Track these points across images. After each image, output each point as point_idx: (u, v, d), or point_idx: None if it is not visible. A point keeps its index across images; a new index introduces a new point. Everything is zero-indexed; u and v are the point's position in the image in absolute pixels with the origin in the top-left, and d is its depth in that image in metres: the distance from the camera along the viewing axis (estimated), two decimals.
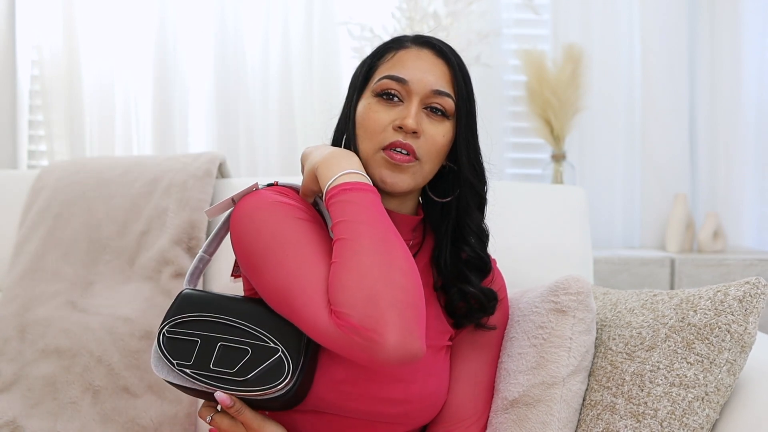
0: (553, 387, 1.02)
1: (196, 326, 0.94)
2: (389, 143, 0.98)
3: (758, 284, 0.98)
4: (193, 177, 1.52)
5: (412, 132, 0.97)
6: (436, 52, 1.02)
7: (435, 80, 1.00)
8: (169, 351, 0.93)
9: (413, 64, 1.00)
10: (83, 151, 2.14)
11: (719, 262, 1.99)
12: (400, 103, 1.00)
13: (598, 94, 2.17)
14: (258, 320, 0.93)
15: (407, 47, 1.03)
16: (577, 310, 1.06)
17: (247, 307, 0.95)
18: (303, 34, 2.16)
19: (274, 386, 0.89)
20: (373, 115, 1.00)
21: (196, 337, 0.93)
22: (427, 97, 0.99)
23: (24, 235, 1.54)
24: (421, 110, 1.00)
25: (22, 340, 1.41)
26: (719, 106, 2.22)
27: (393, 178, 0.99)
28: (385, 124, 0.99)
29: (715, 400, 0.95)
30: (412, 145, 0.98)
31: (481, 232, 1.07)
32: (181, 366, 0.91)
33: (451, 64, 1.02)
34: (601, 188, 2.22)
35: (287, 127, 2.17)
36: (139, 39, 2.14)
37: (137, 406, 1.34)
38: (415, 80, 0.99)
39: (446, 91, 1.00)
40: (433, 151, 1.00)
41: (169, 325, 0.95)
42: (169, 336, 0.94)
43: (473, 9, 2.05)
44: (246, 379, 0.89)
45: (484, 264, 1.06)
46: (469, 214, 1.05)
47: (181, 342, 0.93)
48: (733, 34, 2.19)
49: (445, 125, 1.01)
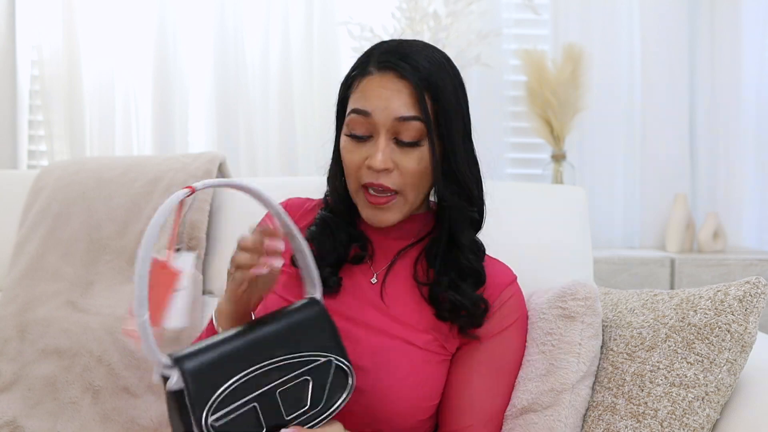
0: (563, 393, 1.02)
1: (238, 395, 0.81)
2: (365, 183, 0.99)
3: (758, 284, 0.98)
4: (193, 177, 1.52)
5: (383, 170, 0.96)
6: (397, 75, 0.97)
7: (398, 106, 0.96)
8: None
9: (375, 93, 0.97)
10: (83, 151, 2.14)
11: (719, 262, 1.99)
12: (370, 138, 0.98)
13: (598, 94, 2.17)
14: (289, 345, 0.87)
15: (371, 74, 0.99)
16: (586, 315, 1.06)
17: (264, 339, 0.86)
18: (303, 34, 2.16)
19: (347, 392, 0.89)
20: (347, 155, 1.00)
21: (250, 403, 0.82)
22: (393, 127, 0.96)
23: (24, 235, 1.54)
24: (391, 141, 0.97)
25: (22, 340, 1.41)
26: (719, 106, 2.22)
27: (377, 217, 1.00)
28: (358, 164, 0.99)
29: (716, 399, 0.95)
30: (385, 183, 0.97)
31: (475, 247, 1.05)
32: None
33: (414, 83, 0.96)
34: (601, 188, 2.22)
35: (287, 127, 2.17)
36: (139, 39, 2.14)
37: (137, 406, 1.34)
38: (378, 111, 0.96)
39: (411, 115, 0.96)
40: (411, 181, 0.99)
41: (212, 412, 0.79)
42: (219, 422, 0.79)
43: (473, 9, 2.05)
44: (322, 406, 0.87)
45: (479, 275, 1.04)
46: (460, 230, 1.03)
47: (238, 419, 0.81)
48: (733, 34, 2.19)
49: (418, 151, 0.98)
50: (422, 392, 1.00)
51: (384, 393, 0.97)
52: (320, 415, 0.87)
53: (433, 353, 1.02)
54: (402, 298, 1.05)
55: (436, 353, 1.03)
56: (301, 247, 0.93)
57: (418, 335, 1.02)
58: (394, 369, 0.99)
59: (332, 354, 0.89)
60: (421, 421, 1.02)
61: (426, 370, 1.01)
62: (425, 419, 1.03)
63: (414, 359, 1.01)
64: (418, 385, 1.00)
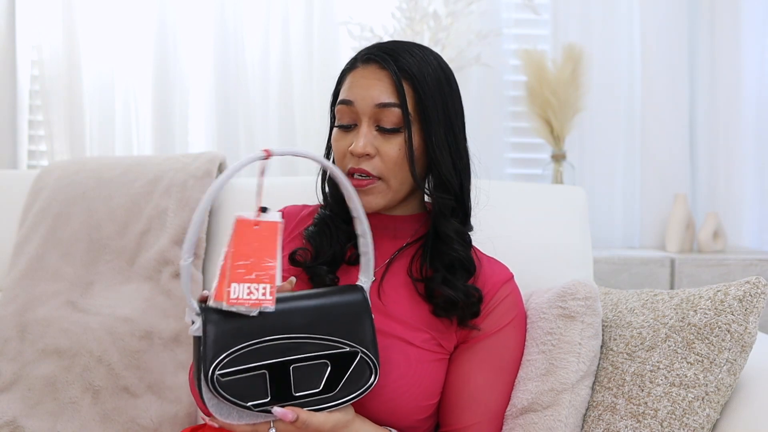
0: (563, 393, 1.02)
1: (251, 358, 0.82)
2: (349, 170, 1.02)
3: (758, 284, 0.98)
4: (193, 177, 1.52)
5: (365, 155, 1.00)
6: (378, 66, 1.02)
7: (378, 94, 1.01)
8: (232, 394, 0.81)
9: (358, 83, 1.03)
10: (83, 151, 2.14)
11: (719, 262, 1.99)
12: (355, 127, 1.03)
13: (598, 94, 2.17)
14: (318, 325, 0.86)
15: (356, 67, 1.05)
16: (586, 315, 1.06)
17: (294, 313, 0.86)
18: (303, 34, 2.16)
19: (365, 388, 0.88)
20: (335, 144, 1.05)
21: (261, 369, 0.83)
22: (375, 114, 1.01)
23: (24, 235, 1.54)
24: (373, 128, 1.02)
25: (22, 340, 1.41)
26: (719, 106, 2.22)
27: (362, 201, 1.01)
28: (343, 151, 1.04)
29: (716, 399, 0.95)
30: (366, 168, 1.01)
31: (460, 237, 1.05)
32: (259, 406, 0.82)
33: (393, 71, 1.00)
34: (601, 188, 2.22)
35: (287, 126, 2.17)
36: (139, 39, 2.14)
37: (137, 406, 1.34)
38: (359, 99, 1.01)
39: (390, 101, 1.00)
40: (391, 166, 1.02)
41: (220, 365, 0.81)
42: (225, 378, 0.81)
43: (473, 9, 2.05)
44: (335, 393, 0.86)
45: (468, 264, 1.05)
46: (441, 220, 1.04)
47: (243, 381, 0.82)
48: (733, 34, 2.19)
49: (399, 138, 1.02)
50: (420, 391, 1.01)
51: (381, 391, 0.98)
52: (330, 401, 0.86)
53: (430, 352, 1.03)
54: (399, 297, 1.05)
55: (434, 352, 1.03)
56: (365, 232, 0.92)
57: (415, 334, 1.02)
58: (391, 368, 0.99)
59: (361, 346, 0.88)
60: (420, 420, 1.02)
61: (424, 368, 1.01)
62: (424, 418, 1.03)
63: (411, 358, 1.01)
64: (416, 383, 1.00)
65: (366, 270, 0.94)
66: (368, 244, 0.93)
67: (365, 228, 0.93)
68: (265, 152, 0.83)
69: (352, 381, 0.87)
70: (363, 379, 0.88)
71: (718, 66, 2.22)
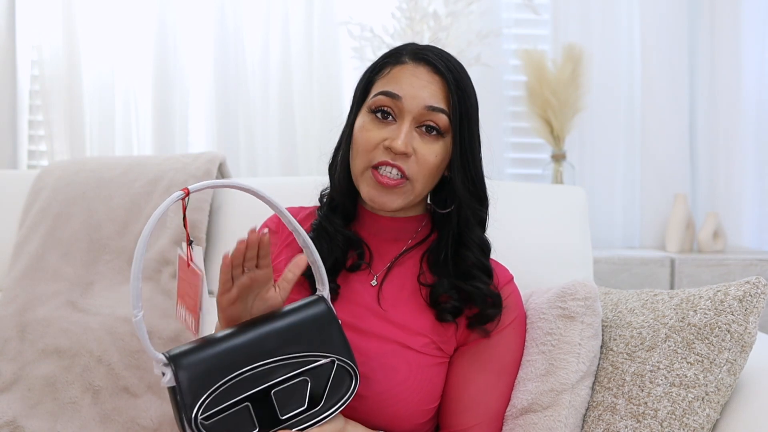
0: (563, 393, 1.02)
1: (231, 394, 0.82)
2: (377, 162, 1.00)
3: (758, 284, 0.98)
4: (193, 177, 1.52)
5: (402, 153, 0.99)
6: (432, 69, 1.01)
7: (429, 96, 1.00)
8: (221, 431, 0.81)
9: (408, 81, 1.00)
10: (83, 151, 2.14)
11: (719, 262, 1.99)
12: (393, 121, 1.01)
13: (598, 94, 2.17)
14: (289, 344, 0.86)
15: (404, 63, 1.03)
16: (585, 315, 1.06)
17: (262, 338, 0.86)
18: (303, 34, 2.16)
19: (349, 393, 0.88)
20: (366, 134, 1.01)
21: (242, 403, 0.82)
22: (421, 115, 1.00)
23: (24, 235, 1.54)
24: (414, 129, 1.00)
25: (22, 340, 1.41)
26: (719, 105, 2.22)
27: (381, 198, 1.01)
28: (376, 143, 1.00)
29: (716, 399, 0.95)
30: (402, 166, 0.99)
31: (483, 244, 1.07)
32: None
33: (447, 80, 1.01)
34: (601, 188, 2.22)
35: (287, 127, 2.17)
36: (139, 39, 2.14)
37: (137, 406, 1.34)
38: (408, 97, 1.00)
39: (440, 107, 1.00)
40: (425, 172, 1.01)
41: (201, 409, 0.80)
42: (209, 421, 0.80)
43: (473, 9, 2.05)
44: (321, 406, 0.86)
45: (488, 270, 1.06)
46: (469, 228, 1.05)
47: (228, 418, 0.81)
48: (733, 34, 2.19)
49: (438, 144, 1.01)
50: (421, 395, 1.00)
51: (382, 397, 0.98)
52: (318, 416, 0.87)
53: (430, 356, 1.02)
54: (400, 301, 1.05)
55: (434, 356, 1.03)
56: (306, 243, 0.92)
57: (415, 338, 1.02)
58: (392, 373, 0.99)
59: (335, 354, 0.88)
60: (421, 424, 1.02)
61: (424, 372, 1.01)
62: (425, 422, 1.03)
63: (411, 362, 1.01)
64: (416, 388, 1.00)
65: (320, 281, 0.95)
66: (312, 254, 0.93)
67: (306, 241, 0.92)
68: (183, 191, 0.84)
69: (334, 390, 0.88)
70: (345, 386, 0.89)
71: (718, 66, 2.22)
